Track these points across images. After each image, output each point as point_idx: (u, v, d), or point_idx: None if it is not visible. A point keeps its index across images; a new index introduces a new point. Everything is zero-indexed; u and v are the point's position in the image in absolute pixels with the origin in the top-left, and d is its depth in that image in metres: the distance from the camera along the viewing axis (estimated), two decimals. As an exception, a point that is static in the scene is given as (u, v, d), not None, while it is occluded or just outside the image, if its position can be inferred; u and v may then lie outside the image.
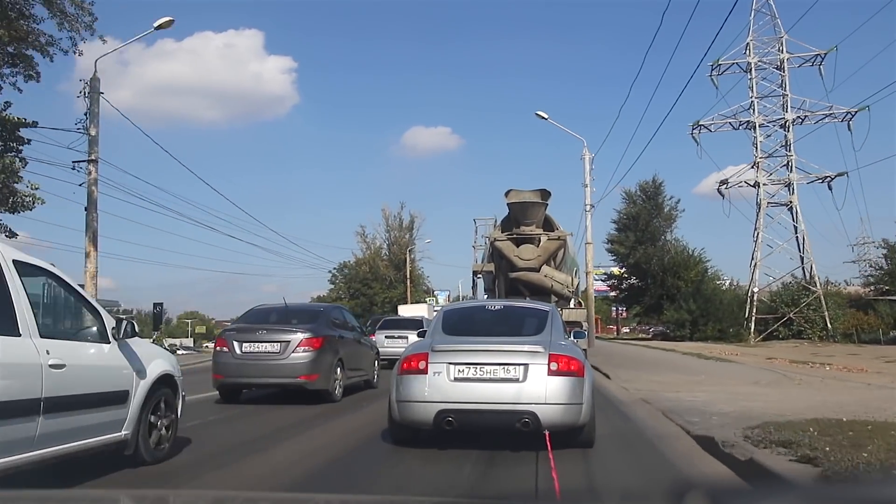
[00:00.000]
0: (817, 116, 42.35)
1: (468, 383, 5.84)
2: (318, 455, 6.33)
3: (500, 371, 5.84)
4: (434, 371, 5.88)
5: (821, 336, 39.63)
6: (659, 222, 56.20)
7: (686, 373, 14.42)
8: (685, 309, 47.66)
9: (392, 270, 71.23)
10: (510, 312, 7.46)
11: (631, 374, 14.29)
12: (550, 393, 5.74)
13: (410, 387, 5.95)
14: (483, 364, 5.88)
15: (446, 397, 5.80)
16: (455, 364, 5.89)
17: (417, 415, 5.94)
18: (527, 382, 5.78)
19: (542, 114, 29.18)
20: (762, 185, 42.61)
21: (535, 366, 5.82)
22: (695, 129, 44.05)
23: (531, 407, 5.69)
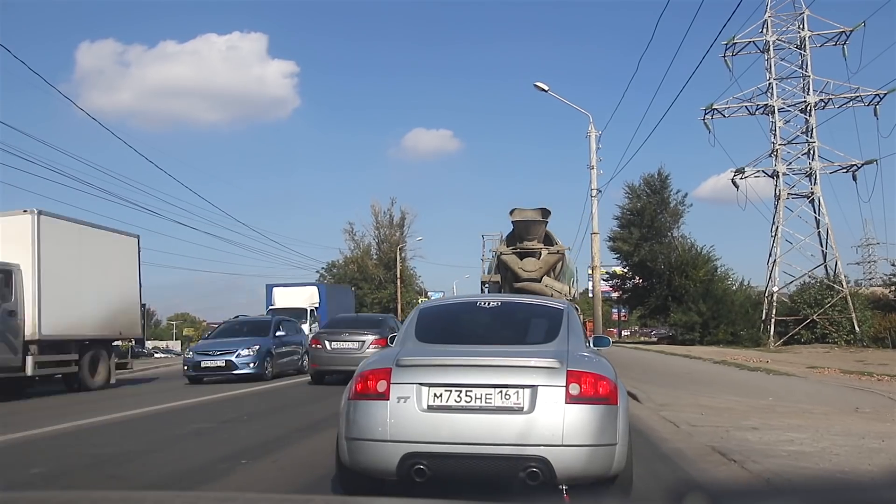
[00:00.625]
0: (841, 100, 38.64)
1: (449, 414, 3.88)
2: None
3: (495, 396, 3.89)
4: (399, 396, 3.93)
5: (847, 340, 35.87)
6: (665, 218, 52.40)
7: (740, 392, 10.68)
8: (695, 311, 44.00)
9: (382, 270, 67.53)
10: (511, 311, 5.32)
11: (666, 392, 10.58)
12: (570, 429, 3.79)
13: (365, 419, 3.97)
14: (471, 386, 3.91)
15: (416, 435, 3.86)
16: (430, 385, 3.94)
17: (375, 459, 3.95)
18: (535, 413, 3.83)
19: (542, 85, 25.54)
20: (782, 175, 38.87)
21: (546, 388, 3.87)
22: (707, 114, 40.26)
23: (541, 450, 3.76)
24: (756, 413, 8.26)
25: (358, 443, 4.00)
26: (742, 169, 39.78)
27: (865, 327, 35.98)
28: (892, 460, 5.29)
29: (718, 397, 9.92)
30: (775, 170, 39.15)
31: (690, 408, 8.84)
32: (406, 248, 69.14)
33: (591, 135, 25.50)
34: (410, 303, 68.80)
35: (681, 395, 10.18)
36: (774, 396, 9.84)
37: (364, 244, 70.16)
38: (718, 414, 8.27)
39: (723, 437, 6.49)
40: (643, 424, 7.77)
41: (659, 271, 50.56)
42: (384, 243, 69.46)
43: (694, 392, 10.69)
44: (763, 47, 39.84)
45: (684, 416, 8.09)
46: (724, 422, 7.56)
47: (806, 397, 9.81)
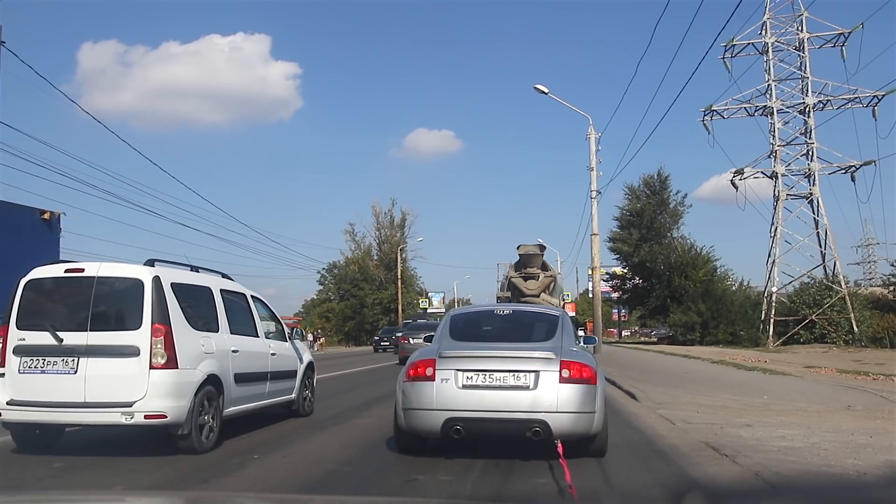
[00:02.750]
0: (840, 101, 38.83)
1: (477, 391, 5.59)
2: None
3: (510, 378, 5.60)
4: (442, 378, 5.65)
5: (846, 340, 36.06)
6: (665, 218, 52.60)
7: (737, 391, 10.90)
8: (694, 311, 44.23)
9: (382, 270, 67.67)
10: (519, 317, 7.13)
11: (664, 391, 10.80)
12: (562, 401, 5.49)
13: (417, 394, 5.71)
14: (492, 371, 5.63)
15: (454, 405, 5.58)
16: (463, 371, 5.65)
17: (425, 423, 5.70)
18: (538, 390, 5.53)
19: (542, 88, 25.74)
20: (781, 176, 39.06)
21: (546, 373, 5.56)
22: (706, 116, 40.47)
23: (542, 415, 5.45)
24: (751, 411, 8.48)
25: (412, 412, 5.67)
26: (741, 170, 39.98)
27: (864, 327, 36.19)
28: (879, 455, 5.51)
29: (715, 396, 10.14)
30: (774, 171, 39.35)
31: (687, 406, 9.05)
32: (407, 249, 69.29)
33: (591, 136, 25.73)
34: (411, 303, 68.99)
35: (679, 394, 10.40)
36: (769, 395, 10.06)
37: (365, 245, 70.34)
38: (714, 412, 8.49)
39: (717, 434, 6.71)
40: (641, 422, 7.98)
41: (659, 272, 50.78)
42: (385, 244, 69.57)
43: (692, 391, 10.90)
44: (762, 49, 40.06)
45: (681, 413, 8.31)
46: (719, 419, 7.78)
47: (801, 396, 10.02)
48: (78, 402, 5.75)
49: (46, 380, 5.82)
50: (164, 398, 5.78)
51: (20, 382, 5.88)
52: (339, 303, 70.56)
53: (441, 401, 5.55)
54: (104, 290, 6.08)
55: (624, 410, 9.13)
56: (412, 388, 5.70)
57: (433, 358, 5.74)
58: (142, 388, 5.74)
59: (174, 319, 6.00)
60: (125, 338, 5.87)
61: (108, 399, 5.75)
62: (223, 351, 6.64)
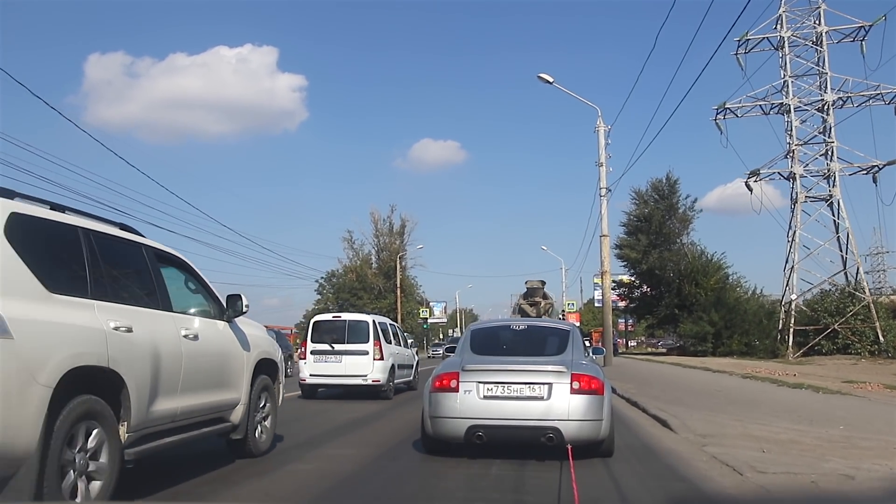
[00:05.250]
0: (860, 98, 36.74)
1: (497, 401, 6.12)
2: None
3: (526, 390, 6.13)
4: (465, 389, 6.18)
5: (871, 351, 33.77)
6: (674, 224, 50.35)
7: (795, 417, 8.72)
8: (706, 320, 42.00)
9: (381, 279, 65.55)
10: (534, 332, 7.71)
11: (703, 417, 8.66)
12: (573, 410, 6.00)
13: (443, 404, 6.23)
14: (510, 383, 6.16)
15: (476, 414, 6.10)
16: (484, 383, 6.18)
17: (449, 430, 6.23)
18: (551, 400, 6.05)
19: (547, 77, 23.68)
20: (799, 177, 36.89)
21: (558, 385, 6.09)
22: (720, 114, 38.40)
23: (555, 423, 5.96)
24: (833, 449, 6.33)
25: (438, 419, 6.24)
26: (757, 171, 37.84)
27: (890, 337, 33.90)
28: None
29: (772, 425, 7.97)
30: (792, 171, 37.19)
31: (743, 441, 6.91)
32: (406, 257, 67.21)
33: (600, 129, 23.66)
34: (411, 312, 66.83)
35: (723, 422, 8.25)
36: (845, 424, 7.88)
37: (363, 253, 68.22)
38: (784, 450, 6.34)
39: (816, 494, 4.56)
40: (687, 468, 5.85)
41: (668, 279, 48.52)
42: (384, 252, 67.47)
43: (738, 417, 8.74)
44: (777, 44, 38.03)
45: (740, 454, 6.16)
46: (798, 463, 5.64)
47: (886, 426, 7.85)
48: (343, 375, 13.02)
49: (326, 365, 13.01)
50: (380, 374, 12.90)
51: (313, 366, 13.13)
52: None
53: (464, 410, 6.12)
54: (351, 325, 13.37)
55: (659, 447, 6.99)
56: (438, 398, 6.27)
57: (457, 371, 6.29)
58: (370, 368, 12.87)
59: (382, 337, 13.20)
60: (360, 347, 12.97)
61: (354, 373, 12.92)
62: (394, 353, 13.94)
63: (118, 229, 5.01)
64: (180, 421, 5.07)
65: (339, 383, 13.14)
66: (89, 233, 4.49)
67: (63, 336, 3.86)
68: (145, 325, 4.61)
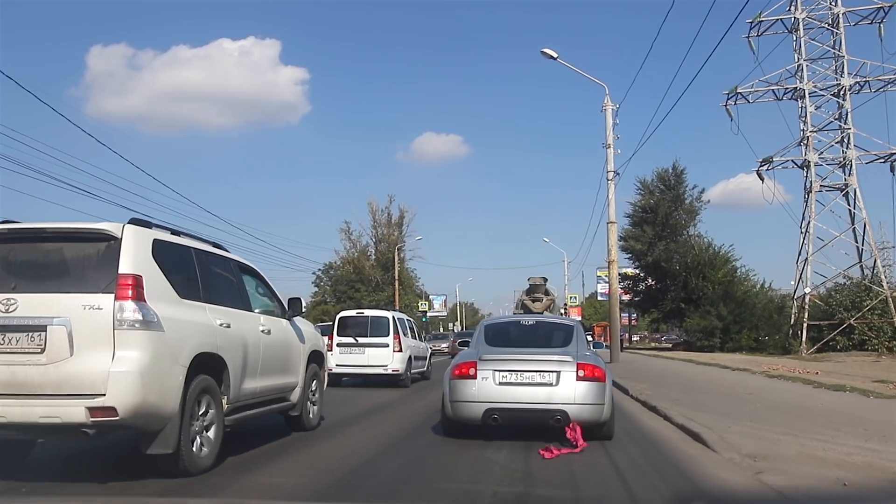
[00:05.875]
0: (878, 83, 35.04)
1: (510, 387, 6.89)
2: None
3: (536, 377, 6.89)
4: (482, 377, 6.93)
5: (889, 347, 32.18)
6: (680, 215, 48.68)
7: (860, 429, 7.16)
8: (714, 314, 40.54)
9: (379, 271, 63.95)
10: (542, 327, 8.48)
11: (744, 429, 7.12)
12: (578, 395, 6.78)
13: (462, 390, 6.99)
14: (523, 371, 6.94)
15: (492, 398, 6.85)
16: (499, 371, 6.95)
17: (468, 412, 6.96)
18: (559, 386, 6.82)
19: (551, 52, 22.06)
20: (813, 165, 35.22)
21: (565, 373, 6.86)
22: (730, 99, 36.66)
23: (562, 406, 6.74)
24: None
25: (458, 403, 7.08)
26: (769, 158, 36.15)
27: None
28: None
29: (833, 440, 6.41)
30: (806, 159, 35.51)
31: (807, 466, 5.35)
32: (405, 249, 65.54)
33: (607, 108, 22.05)
34: (409, 305, 65.18)
35: (772, 436, 6.69)
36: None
37: (361, 244, 66.57)
38: (871, 480, 4.77)
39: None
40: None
41: (674, 272, 46.92)
42: (382, 243, 65.78)
43: (786, 428, 7.18)
44: (791, 26, 36.29)
45: (814, 487, 4.59)
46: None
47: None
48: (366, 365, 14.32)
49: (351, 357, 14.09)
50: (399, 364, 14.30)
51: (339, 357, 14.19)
52: (334, 305, 66.83)
53: (481, 395, 6.90)
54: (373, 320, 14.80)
55: (700, 475, 5.41)
56: (458, 385, 7.04)
57: (475, 361, 7.09)
58: (390, 359, 14.23)
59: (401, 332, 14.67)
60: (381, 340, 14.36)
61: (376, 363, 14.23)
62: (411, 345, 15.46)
63: (212, 247, 6.37)
64: (259, 398, 6.43)
65: (363, 372, 14.47)
66: (198, 252, 5.88)
67: (191, 330, 5.23)
68: (237, 322, 5.93)
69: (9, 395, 4.55)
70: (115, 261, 4.79)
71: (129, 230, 5.00)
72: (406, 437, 7.65)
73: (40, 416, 4.59)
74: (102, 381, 4.55)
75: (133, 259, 4.88)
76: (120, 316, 4.66)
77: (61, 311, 4.65)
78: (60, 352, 4.60)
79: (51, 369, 4.59)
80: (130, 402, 4.58)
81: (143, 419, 4.71)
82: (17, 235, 5.10)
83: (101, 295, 4.71)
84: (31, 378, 4.58)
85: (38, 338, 4.61)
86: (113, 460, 5.90)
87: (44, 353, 4.60)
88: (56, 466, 5.69)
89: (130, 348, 4.66)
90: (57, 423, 4.59)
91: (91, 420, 4.54)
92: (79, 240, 5.02)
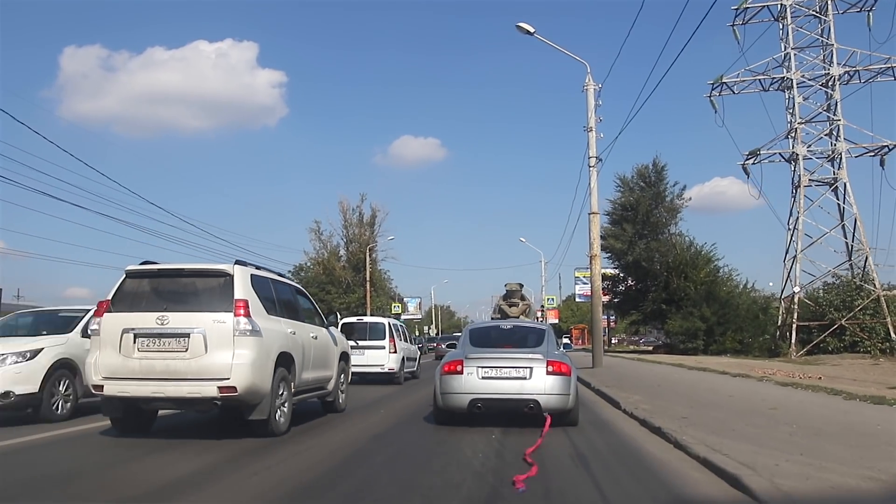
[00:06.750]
0: (868, 73, 33.60)
1: (491, 380, 8.06)
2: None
3: (513, 372, 8.06)
4: (468, 372, 8.10)
5: (882, 349, 30.63)
6: (661, 213, 46.83)
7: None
8: (697, 316, 38.68)
9: (350, 272, 61.44)
10: (518, 330, 9.74)
11: (795, 467, 5.00)
12: (548, 386, 7.95)
13: (451, 383, 8.16)
14: (502, 367, 8.11)
15: (476, 390, 8.03)
16: (482, 367, 8.12)
17: (456, 402, 8.13)
18: (532, 380, 7.99)
19: (527, 26, 19.97)
20: (802, 158, 33.64)
21: (537, 368, 8.04)
22: (715, 89, 35.09)
23: (535, 396, 7.92)
24: None
25: (447, 395, 8.19)
26: (756, 151, 34.56)
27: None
28: None
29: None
30: (794, 152, 33.98)
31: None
32: (377, 249, 63.14)
33: (589, 88, 20.01)
34: (381, 308, 62.80)
35: (851, 482, 4.56)
36: None
37: (332, 245, 64.00)
38: None
39: None
40: None
41: (655, 272, 45.05)
42: (353, 243, 63.26)
43: (855, 464, 5.08)
44: (778, 13, 34.81)
45: None
46: None
47: None
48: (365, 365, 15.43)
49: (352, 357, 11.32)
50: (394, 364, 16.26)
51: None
52: (304, 308, 64.30)
53: (467, 387, 8.04)
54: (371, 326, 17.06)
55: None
56: (447, 379, 8.18)
57: (461, 359, 8.23)
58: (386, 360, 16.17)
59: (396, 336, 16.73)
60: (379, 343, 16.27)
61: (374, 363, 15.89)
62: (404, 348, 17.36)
63: (278, 275, 8.58)
64: (310, 386, 8.68)
65: (363, 371, 15.39)
66: (274, 281, 8.19)
67: (275, 336, 7.49)
68: (298, 331, 8.25)
69: (166, 379, 6.69)
70: (230, 290, 6.97)
71: (238, 269, 7.21)
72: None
73: (187, 392, 6.78)
74: (227, 370, 6.71)
75: (242, 288, 7.09)
76: (237, 327, 6.81)
77: (199, 323, 6.79)
78: (199, 350, 6.75)
79: (192, 362, 6.73)
80: (245, 383, 6.77)
81: (251, 395, 6.85)
82: (164, 273, 7.35)
83: (224, 313, 6.85)
84: (180, 368, 6.72)
85: (184, 341, 6.73)
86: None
87: (188, 352, 6.76)
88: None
89: (244, 348, 6.82)
90: (198, 396, 6.80)
91: (220, 395, 6.73)
92: (206, 276, 7.22)
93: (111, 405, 7.14)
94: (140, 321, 6.84)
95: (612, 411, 9.86)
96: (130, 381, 6.76)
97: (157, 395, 6.81)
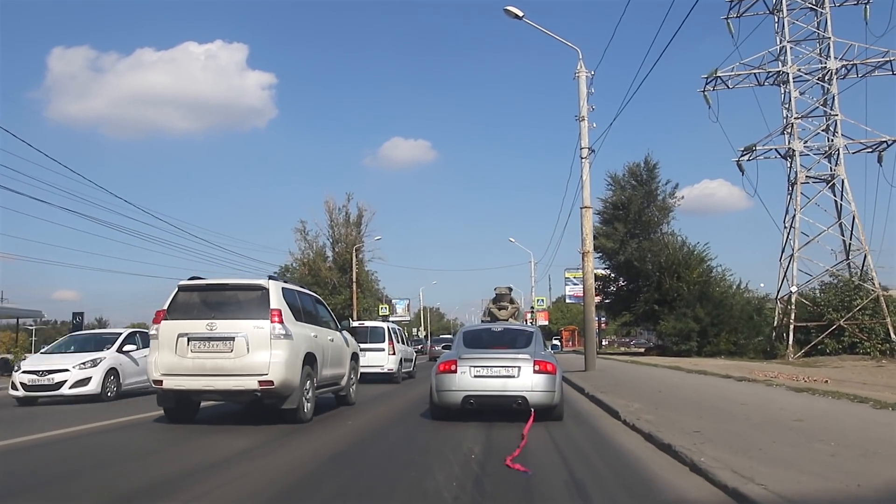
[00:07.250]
0: (865, 67, 32.73)
1: (483, 378, 8.73)
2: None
3: (503, 371, 8.71)
4: (461, 371, 8.77)
5: (881, 350, 29.70)
6: (653, 212, 45.79)
7: None
8: (691, 316, 37.65)
9: (336, 273, 60.08)
10: (508, 332, 10.43)
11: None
12: (535, 384, 8.60)
13: (446, 381, 8.83)
14: (492, 366, 8.76)
15: (469, 387, 8.69)
16: (474, 366, 8.76)
17: (450, 399, 8.79)
18: (520, 378, 8.65)
19: (516, 10, 18.83)
20: (798, 154, 32.70)
21: (525, 367, 8.68)
22: (709, 84, 34.13)
23: (523, 393, 8.57)
24: None
25: (442, 392, 8.85)
26: (752, 147, 33.61)
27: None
28: None
29: None
30: (790, 148, 33.05)
31: None
32: (363, 249, 61.80)
33: (581, 75, 18.92)
34: (367, 310, 61.51)
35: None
36: None
37: (318, 245, 62.58)
38: None
39: None
40: None
41: (647, 272, 44.00)
42: (339, 244, 61.85)
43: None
44: (773, 6, 33.93)
45: None
46: None
47: None
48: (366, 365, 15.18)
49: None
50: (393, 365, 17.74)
51: None
52: (290, 309, 62.87)
53: (461, 385, 8.69)
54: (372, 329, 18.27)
55: None
56: (442, 378, 8.83)
57: (455, 359, 8.90)
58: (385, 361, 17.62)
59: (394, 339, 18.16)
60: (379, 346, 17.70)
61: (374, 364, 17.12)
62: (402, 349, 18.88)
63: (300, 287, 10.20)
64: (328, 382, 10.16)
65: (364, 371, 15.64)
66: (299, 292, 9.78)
67: (302, 339, 8.92)
68: (319, 334, 9.74)
69: (215, 375, 8.20)
70: (267, 301, 8.48)
71: (272, 283, 8.79)
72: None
73: (233, 385, 8.33)
74: (265, 367, 8.22)
75: (276, 299, 8.60)
76: (273, 331, 8.33)
77: (241, 329, 8.31)
78: (242, 351, 8.26)
79: (237, 361, 8.25)
80: (280, 378, 8.27)
81: (285, 388, 8.36)
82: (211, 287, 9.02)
83: (262, 320, 8.35)
84: (226, 365, 8.23)
85: (230, 344, 8.23)
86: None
87: (233, 352, 8.27)
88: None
89: (279, 349, 8.33)
90: (241, 389, 8.36)
91: (260, 388, 8.27)
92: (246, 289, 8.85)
93: (166, 397, 8.70)
94: (192, 327, 8.34)
95: (610, 422, 8.73)
96: (185, 376, 8.28)
97: (208, 388, 8.39)
